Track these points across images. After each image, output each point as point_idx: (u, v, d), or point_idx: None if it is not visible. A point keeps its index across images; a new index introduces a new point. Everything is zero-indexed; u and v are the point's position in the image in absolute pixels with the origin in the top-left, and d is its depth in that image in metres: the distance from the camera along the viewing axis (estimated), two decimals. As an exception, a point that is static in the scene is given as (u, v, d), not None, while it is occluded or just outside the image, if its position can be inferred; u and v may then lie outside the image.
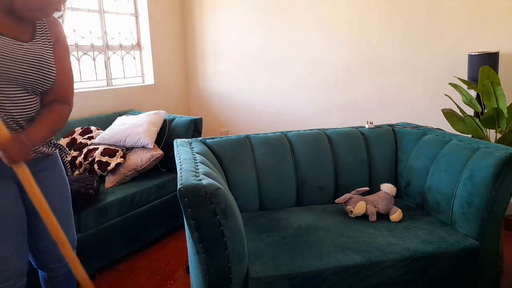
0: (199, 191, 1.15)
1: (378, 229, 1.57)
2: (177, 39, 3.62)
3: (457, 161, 1.62)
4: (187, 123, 2.49)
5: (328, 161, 1.92)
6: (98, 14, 2.98)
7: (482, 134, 2.00)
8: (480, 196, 1.48)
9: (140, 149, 2.37)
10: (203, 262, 1.21)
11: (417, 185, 1.82)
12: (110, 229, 2.05)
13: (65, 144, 2.45)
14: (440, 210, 1.66)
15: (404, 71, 2.63)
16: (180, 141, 1.80)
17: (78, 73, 2.87)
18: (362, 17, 2.72)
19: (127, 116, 2.68)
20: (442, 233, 1.53)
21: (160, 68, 3.44)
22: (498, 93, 1.89)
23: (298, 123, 3.19)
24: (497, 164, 1.45)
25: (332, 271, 1.32)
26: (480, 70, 1.91)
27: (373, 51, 2.72)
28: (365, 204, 1.69)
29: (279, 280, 1.28)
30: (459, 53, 2.40)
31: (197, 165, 1.40)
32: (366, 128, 2.08)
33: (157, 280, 2.00)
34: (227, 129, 3.64)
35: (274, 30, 3.14)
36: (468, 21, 2.35)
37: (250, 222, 1.68)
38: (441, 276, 1.46)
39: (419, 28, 2.52)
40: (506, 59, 2.25)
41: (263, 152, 1.88)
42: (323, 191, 1.91)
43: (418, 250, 1.41)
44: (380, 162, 1.98)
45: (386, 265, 1.37)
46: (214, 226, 1.17)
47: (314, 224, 1.61)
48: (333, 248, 1.41)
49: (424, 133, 1.93)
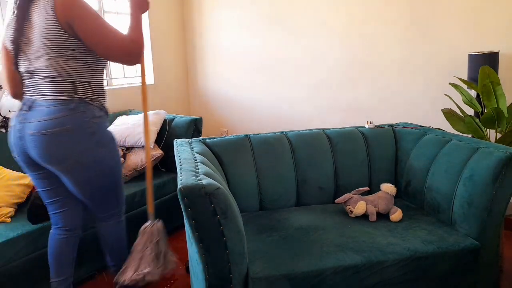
0: (199, 191, 1.15)
1: (378, 229, 1.57)
2: (177, 39, 3.62)
3: (457, 161, 1.62)
4: (187, 123, 2.48)
5: (328, 161, 1.92)
6: (98, 14, 2.98)
7: (482, 134, 2.00)
8: (480, 196, 1.48)
9: (140, 149, 2.38)
10: (203, 262, 1.21)
11: (417, 185, 1.82)
12: (110, 229, 2.05)
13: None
14: (440, 210, 1.66)
15: (404, 71, 2.63)
16: (180, 141, 1.80)
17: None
18: (362, 17, 2.72)
19: (127, 116, 2.68)
20: (442, 233, 1.53)
21: (160, 68, 3.44)
22: (498, 93, 1.89)
23: (298, 123, 3.19)
24: (497, 164, 1.45)
25: (332, 271, 1.32)
26: (480, 70, 1.91)
27: (373, 51, 2.72)
28: (365, 204, 1.69)
29: (279, 280, 1.28)
30: (459, 53, 2.40)
31: (197, 165, 1.40)
32: (366, 128, 2.08)
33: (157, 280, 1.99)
34: (227, 129, 3.64)
35: (273, 30, 3.14)
36: (468, 21, 2.35)
37: (250, 222, 1.68)
38: (441, 276, 1.46)
39: (419, 28, 2.52)
40: (506, 59, 2.25)
41: (263, 152, 1.88)
42: (323, 191, 1.91)
43: (418, 250, 1.41)
44: (380, 162, 1.98)
45: (386, 265, 1.37)
46: (214, 226, 1.17)
47: (314, 224, 1.61)
48: (333, 248, 1.41)
49: (424, 133, 1.93)
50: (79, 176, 1.45)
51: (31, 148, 1.39)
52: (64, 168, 1.41)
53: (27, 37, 1.36)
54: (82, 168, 1.43)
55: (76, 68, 1.39)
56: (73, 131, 1.37)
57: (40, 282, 1.74)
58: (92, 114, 1.43)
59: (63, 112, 1.36)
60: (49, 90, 1.37)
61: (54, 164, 1.40)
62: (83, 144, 1.40)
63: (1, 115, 2.23)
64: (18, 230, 1.67)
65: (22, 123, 1.40)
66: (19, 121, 1.41)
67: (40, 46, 1.34)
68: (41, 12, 1.32)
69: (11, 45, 1.39)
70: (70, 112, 1.37)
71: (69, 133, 1.37)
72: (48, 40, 1.32)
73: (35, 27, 1.34)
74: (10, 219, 1.78)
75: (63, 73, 1.36)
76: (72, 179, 1.45)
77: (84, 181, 1.47)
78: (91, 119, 1.42)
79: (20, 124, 1.40)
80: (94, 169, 1.45)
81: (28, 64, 1.39)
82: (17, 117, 1.43)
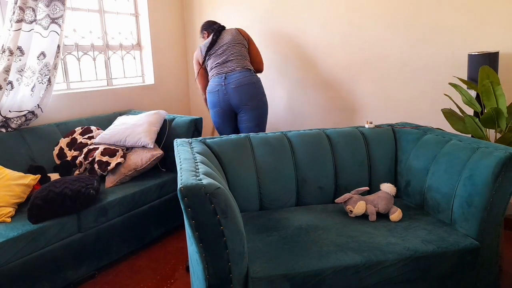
0: (199, 191, 1.15)
1: (378, 229, 1.57)
2: (178, 38, 3.63)
3: (457, 161, 1.62)
4: (187, 123, 2.49)
5: (328, 161, 1.93)
6: (98, 14, 2.98)
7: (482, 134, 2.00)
8: (480, 195, 1.48)
9: (140, 148, 2.38)
10: (203, 261, 1.21)
11: (417, 185, 1.82)
12: (111, 228, 2.05)
13: (65, 144, 2.45)
14: (440, 209, 1.67)
15: (404, 70, 2.64)
16: (180, 141, 1.80)
17: (78, 73, 2.87)
18: (363, 17, 2.72)
19: (127, 116, 2.68)
20: (442, 232, 1.53)
21: (160, 68, 3.44)
22: (498, 93, 1.89)
23: (298, 123, 3.19)
24: (496, 164, 1.45)
25: (332, 271, 1.32)
26: (480, 70, 1.91)
27: (373, 51, 2.73)
28: (365, 203, 1.69)
29: (279, 279, 1.29)
30: (459, 53, 2.40)
31: (197, 165, 1.41)
32: (366, 128, 2.08)
33: (157, 279, 2.00)
34: (227, 129, 3.63)
35: (273, 30, 3.14)
36: (468, 21, 2.35)
37: (250, 222, 1.68)
38: (440, 276, 1.47)
39: (419, 27, 2.52)
40: (506, 59, 2.25)
41: (263, 152, 1.88)
42: (323, 191, 1.92)
43: (418, 250, 1.41)
44: (380, 162, 1.98)
45: (386, 264, 1.37)
46: (214, 226, 1.17)
47: (314, 224, 1.62)
48: (333, 248, 1.41)
49: (424, 133, 1.93)
50: (259, 110, 2.59)
51: (234, 97, 2.54)
52: (254, 104, 2.56)
53: (219, 46, 2.66)
54: (262, 104, 2.61)
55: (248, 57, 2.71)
56: (257, 82, 2.60)
57: (40, 282, 1.74)
58: (259, 79, 2.65)
59: (249, 74, 2.58)
60: (237, 65, 2.58)
61: (249, 101, 2.54)
62: (261, 91, 2.62)
63: (1, 115, 2.23)
64: (18, 230, 1.68)
65: (224, 86, 2.55)
66: (222, 85, 2.56)
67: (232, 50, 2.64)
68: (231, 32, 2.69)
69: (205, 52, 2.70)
70: (252, 74, 2.60)
71: (256, 84, 2.58)
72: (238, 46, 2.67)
73: (224, 40, 2.65)
74: (10, 219, 1.78)
75: (245, 58, 2.66)
76: (254, 113, 2.58)
77: (259, 114, 2.60)
78: (259, 81, 2.64)
79: (224, 86, 2.55)
80: (264, 106, 2.63)
81: (222, 59, 2.61)
82: (217, 85, 2.57)
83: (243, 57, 2.62)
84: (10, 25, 2.13)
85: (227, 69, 2.57)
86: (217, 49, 2.63)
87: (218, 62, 2.60)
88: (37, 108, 2.38)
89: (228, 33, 2.66)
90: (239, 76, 2.53)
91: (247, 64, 2.61)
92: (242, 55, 2.61)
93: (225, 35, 2.65)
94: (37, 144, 2.36)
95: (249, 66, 2.62)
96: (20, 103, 2.29)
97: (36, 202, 1.76)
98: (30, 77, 2.29)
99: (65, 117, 2.69)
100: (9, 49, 2.12)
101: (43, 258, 1.75)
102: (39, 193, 1.80)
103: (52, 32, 2.32)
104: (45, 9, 2.26)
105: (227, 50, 2.60)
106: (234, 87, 2.51)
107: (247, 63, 2.62)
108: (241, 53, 2.62)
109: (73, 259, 1.88)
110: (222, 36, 2.65)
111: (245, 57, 2.63)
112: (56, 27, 2.33)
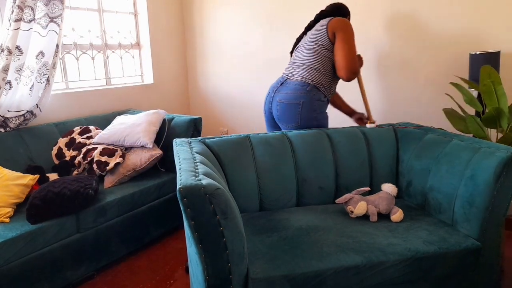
0: (199, 191, 1.14)
1: (379, 230, 1.56)
2: (177, 38, 3.61)
3: (458, 161, 1.61)
4: (187, 123, 2.48)
5: (328, 161, 1.91)
6: (97, 13, 2.97)
7: (484, 134, 1.99)
8: (482, 196, 1.47)
9: (139, 148, 2.36)
10: (203, 262, 1.20)
11: (418, 185, 1.81)
12: (110, 229, 2.04)
13: (63, 144, 2.44)
14: (441, 210, 1.66)
15: (405, 70, 2.63)
16: (179, 141, 1.79)
17: (77, 72, 2.86)
18: (363, 16, 2.71)
19: (126, 115, 2.67)
20: (443, 233, 1.52)
21: (159, 67, 3.43)
22: (499, 93, 1.88)
23: (298, 122, 3.17)
24: (498, 164, 1.44)
25: (333, 272, 1.31)
26: (481, 69, 1.90)
27: (374, 51, 2.71)
28: (366, 204, 1.68)
29: (279, 280, 1.28)
30: (460, 53, 2.39)
31: (196, 165, 1.40)
32: (367, 128, 2.07)
33: (156, 280, 1.99)
34: (227, 129, 3.63)
35: (274, 29, 3.13)
36: (469, 20, 2.34)
37: (250, 222, 1.67)
38: (442, 277, 1.46)
39: (420, 27, 2.51)
40: (508, 58, 2.24)
41: (263, 152, 1.87)
42: (323, 191, 1.90)
43: (419, 251, 1.40)
44: (381, 162, 1.97)
45: (387, 265, 1.36)
46: (214, 227, 1.16)
47: (315, 225, 1.61)
48: (334, 249, 1.40)
49: (425, 133, 1.92)
50: (304, 127, 2.10)
51: (274, 110, 2.15)
52: (288, 127, 2.11)
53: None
54: (309, 125, 2.08)
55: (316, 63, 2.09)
56: (302, 105, 2.03)
57: (39, 283, 1.73)
58: (318, 98, 2.05)
59: (301, 91, 2.03)
60: (296, 73, 2.10)
61: (283, 122, 2.12)
62: (305, 115, 2.05)
63: (0, 114, 2.22)
64: (17, 230, 1.66)
65: (274, 93, 2.15)
66: (273, 91, 2.16)
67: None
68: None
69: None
70: (305, 91, 2.03)
71: (300, 106, 2.03)
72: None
73: (306, 38, 2.19)
74: (9, 219, 1.77)
75: (310, 66, 2.08)
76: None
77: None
78: (316, 101, 2.05)
79: (273, 93, 2.15)
80: (312, 123, 2.09)
81: (295, 57, 2.19)
82: (272, 88, 2.18)
83: (307, 65, 2.08)
84: (8, 24, 2.12)
85: (286, 74, 2.18)
86: (298, 46, 2.22)
87: (289, 62, 2.24)
88: (36, 108, 2.37)
89: (314, 28, 2.16)
90: (287, 90, 2.08)
91: (307, 75, 2.06)
92: (309, 61, 2.08)
93: (311, 31, 2.19)
94: (35, 144, 2.35)
95: (309, 78, 2.05)
96: (19, 103, 2.27)
97: (34, 202, 1.75)
98: (28, 77, 2.28)
99: (64, 117, 2.67)
100: (8, 48, 2.11)
101: (42, 259, 1.73)
102: (38, 193, 1.79)
103: (51, 31, 2.31)
104: (44, 8, 2.25)
105: (299, 51, 2.19)
106: (279, 101, 2.10)
107: (308, 74, 2.06)
108: (310, 58, 2.09)
109: (72, 260, 1.87)
110: (308, 33, 2.21)
111: (310, 65, 2.07)
112: (55, 26, 2.32)
